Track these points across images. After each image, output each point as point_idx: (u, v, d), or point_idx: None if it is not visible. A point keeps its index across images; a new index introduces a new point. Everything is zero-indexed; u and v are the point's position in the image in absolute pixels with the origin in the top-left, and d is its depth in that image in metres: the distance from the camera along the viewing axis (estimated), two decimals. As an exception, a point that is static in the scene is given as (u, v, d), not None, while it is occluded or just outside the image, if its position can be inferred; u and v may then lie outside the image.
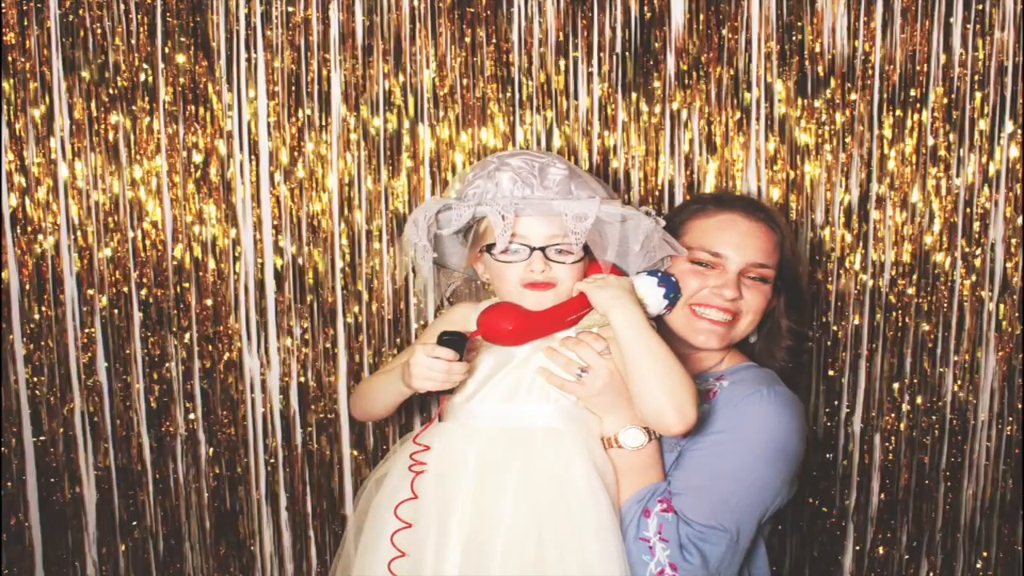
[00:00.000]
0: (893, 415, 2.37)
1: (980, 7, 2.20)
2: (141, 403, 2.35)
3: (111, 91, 2.23)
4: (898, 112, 2.24)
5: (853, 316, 2.32)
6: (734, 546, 1.67)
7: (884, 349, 2.34)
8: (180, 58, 2.22)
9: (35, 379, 2.34)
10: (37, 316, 2.31)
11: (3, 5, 2.19)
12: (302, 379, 2.34)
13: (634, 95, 2.24)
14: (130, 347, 2.33)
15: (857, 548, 2.43)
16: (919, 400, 2.36)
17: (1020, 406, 2.35)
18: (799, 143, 2.26)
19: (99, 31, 2.21)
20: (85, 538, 2.42)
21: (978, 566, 2.44)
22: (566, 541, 1.58)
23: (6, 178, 2.26)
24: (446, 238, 1.78)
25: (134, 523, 2.40)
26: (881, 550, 2.43)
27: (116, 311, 2.31)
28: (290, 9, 2.21)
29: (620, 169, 2.27)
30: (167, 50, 2.22)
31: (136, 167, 2.26)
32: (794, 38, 2.22)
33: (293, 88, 2.23)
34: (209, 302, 2.31)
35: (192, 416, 2.36)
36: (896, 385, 2.35)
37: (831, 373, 2.35)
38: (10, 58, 2.21)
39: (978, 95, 2.23)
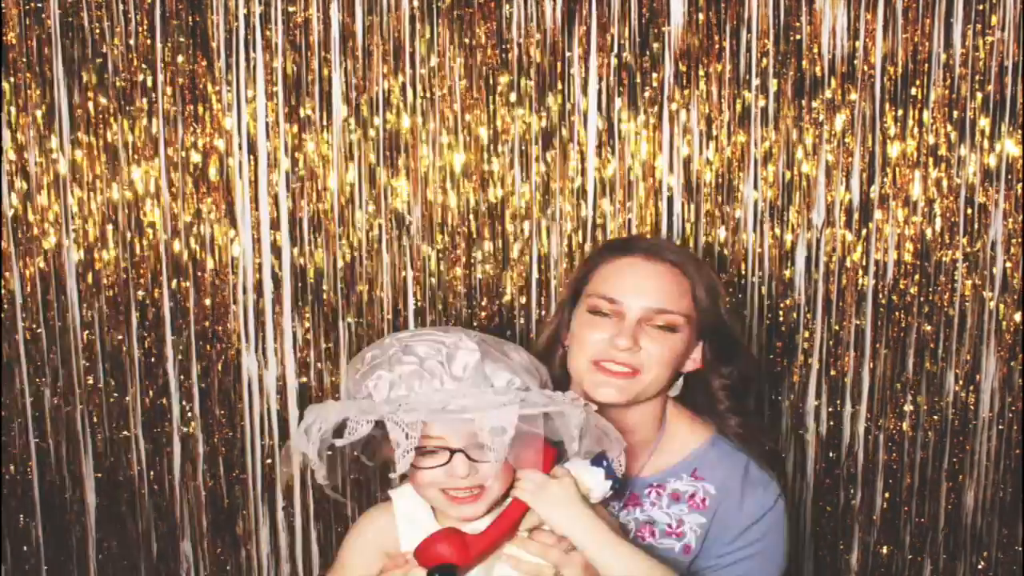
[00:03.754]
0: (895, 415, 2.36)
1: (981, 7, 2.19)
2: (138, 403, 2.36)
3: (110, 91, 2.24)
4: (899, 111, 2.24)
5: (855, 317, 2.32)
6: None
7: (887, 349, 2.33)
8: (179, 58, 2.23)
9: (37, 380, 2.35)
10: (40, 317, 2.32)
11: (3, 5, 2.20)
12: (304, 379, 2.35)
13: (633, 94, 2.24)
14: (127, 347, 2.33)
15: (861, 548, 2.42)
16: (921, 400, 2.35)
17: (1020, 406, 2.34)
18: (798, 143, 2.26)
19: (99, 31, 2.22)
20: (88, 538, 2.42)
21: (979, 566, 2.43)
22: None
23: (6, 178, 2.27)
24: None
25: (128, 523, 2.41)
26: (885, 550, 2.42)
27: (114, 311, 2.32)
28: (291, 9, 2.22)
29: (618, 170, 2.27)
30: (167, 50, 2.23)
31: (135, 167, 2.27)
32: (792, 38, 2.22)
33: (293, 88, 2.23)
34: (208, 302, 2.32)
35: (190, 416, 2.36)
36: (898, 385, 2.35)
37: (833, 373, 2.35)
38: (11, 58, 2.22)
39: (979, 95, 2.23)
